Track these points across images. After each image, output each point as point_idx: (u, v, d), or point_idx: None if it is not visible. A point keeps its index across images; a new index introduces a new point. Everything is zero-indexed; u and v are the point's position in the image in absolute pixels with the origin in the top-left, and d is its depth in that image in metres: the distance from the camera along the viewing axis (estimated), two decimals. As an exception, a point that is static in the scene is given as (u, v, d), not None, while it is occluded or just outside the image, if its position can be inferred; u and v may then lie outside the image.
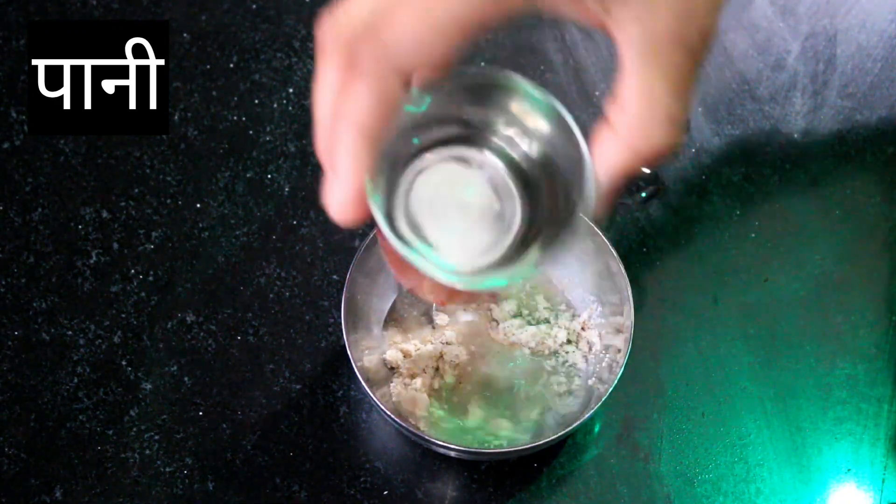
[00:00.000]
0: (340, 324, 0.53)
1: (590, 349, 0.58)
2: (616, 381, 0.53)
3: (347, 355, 0.53)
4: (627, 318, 0.55)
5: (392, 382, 0.57)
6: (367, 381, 0.53)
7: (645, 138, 0.41)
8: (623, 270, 0.55)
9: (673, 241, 0.62)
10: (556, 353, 0.58)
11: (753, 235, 0.63)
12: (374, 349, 0.57)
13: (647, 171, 0.64)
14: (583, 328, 0.58)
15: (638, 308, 0.55)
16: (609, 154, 0.42)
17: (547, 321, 0.59)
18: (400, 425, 0.53)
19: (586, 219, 0.45)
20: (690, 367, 0.59)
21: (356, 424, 0.58)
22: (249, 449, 0.57)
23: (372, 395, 0.52)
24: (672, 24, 0.41)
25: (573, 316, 0.59)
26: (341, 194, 0.46)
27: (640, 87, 0.41)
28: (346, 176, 0.46)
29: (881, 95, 0.66)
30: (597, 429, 0.58)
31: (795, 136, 0.65)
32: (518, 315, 0.59)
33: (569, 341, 0.58)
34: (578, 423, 0.52)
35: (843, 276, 0.62)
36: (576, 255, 0.58)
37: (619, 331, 0.56)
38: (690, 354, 0.59)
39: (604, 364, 0.57)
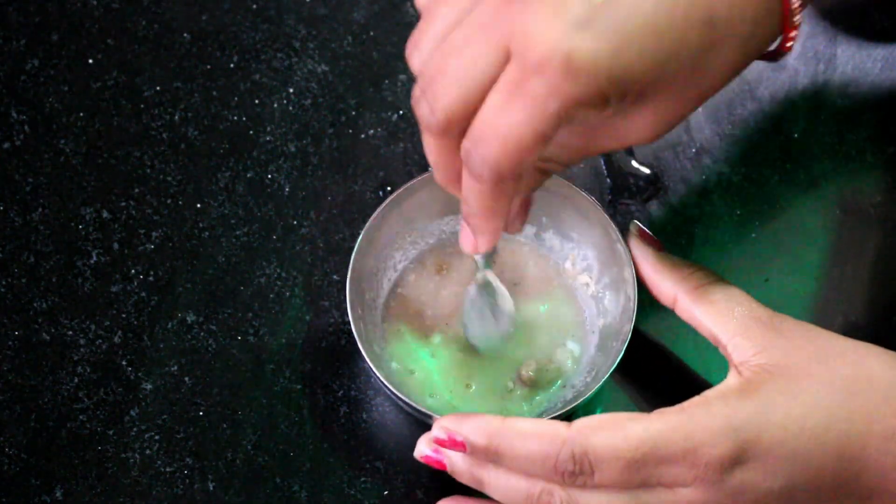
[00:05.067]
0: (340, 323, 0.54)
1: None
2: (612, 368, 0.53)
3: (348, 354, 0.53)
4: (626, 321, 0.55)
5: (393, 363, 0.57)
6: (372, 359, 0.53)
7: None
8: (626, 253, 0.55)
9: (673, 241, 0.62)
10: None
11: (753, 235, 0.63)
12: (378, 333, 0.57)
13: (647, 170, 0.64)
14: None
15: (638, 308, 0.55)
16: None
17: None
18: (406, 402, 0.53)
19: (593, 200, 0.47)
20: (691, 368, 0.59)
21: (356, 424, 0.58)
22: (249, 449, 0.57)
23: (377, 374, 0.53)
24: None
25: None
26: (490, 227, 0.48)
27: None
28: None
29: (881, 95, 0.66)
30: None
31: (795, 136, 0.65)
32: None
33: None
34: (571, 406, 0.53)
35: (843, 276, 0.62)
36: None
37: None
38: (691, 354, 0.59)
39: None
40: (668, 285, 0.53)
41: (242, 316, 0.60)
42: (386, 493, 0.57)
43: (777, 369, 0.48)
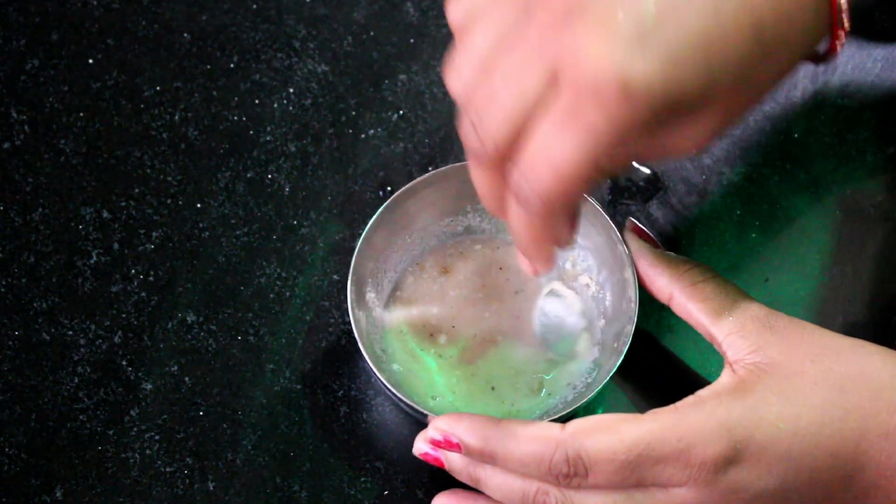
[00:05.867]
0: (340, 323, 0.54)
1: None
2: (616, 367, 0.53)
3: (348, 354, 0.53)
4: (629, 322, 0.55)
5: (395, 364, 0.57)
6: (372, 359, 0.54)
7: None
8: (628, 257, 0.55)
9: (673, 241, 0.62)
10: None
11: (753, 235, 0.63)
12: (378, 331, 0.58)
13: (647, 170, 0.64)
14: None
15: (638, 308, 0.55)
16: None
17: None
18: (407, 404, 0.53)
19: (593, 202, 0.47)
20: (691, 368, 0.59)
21: (356, 424, 0.58)
22: (249, 449, 0.57)
23: (378, 374, 0.53)
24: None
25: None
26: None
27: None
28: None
29: (881, 95, 0.66)
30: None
31: (795, 136, 0.65)
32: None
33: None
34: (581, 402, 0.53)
35: (843, 276, 0.62)
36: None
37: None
38: (692, 355, 0.59)
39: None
40: (664, 282, 0.53)
41: (242, 316, 0.60)
42: (386, 493, 0.57)
43: (771, 368, 0.48)
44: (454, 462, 0.50)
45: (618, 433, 0.46)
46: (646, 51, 0.40)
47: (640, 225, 0.55)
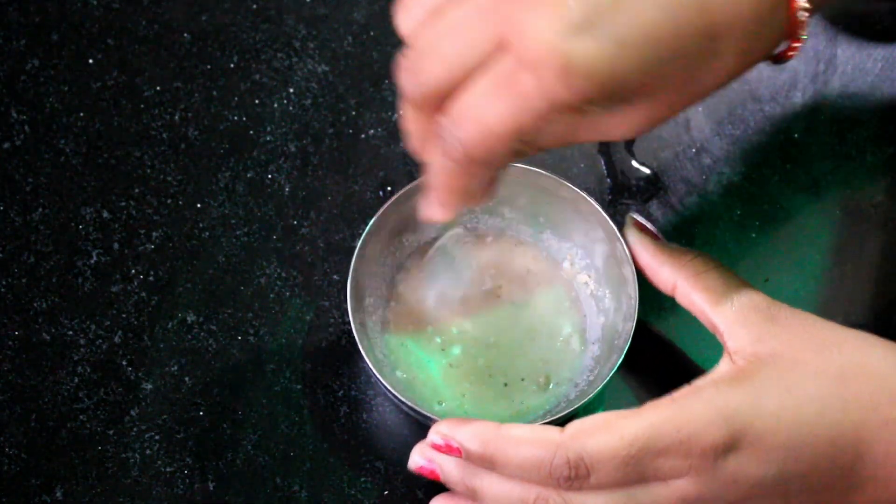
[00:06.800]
0: (340, 323, 0.54)
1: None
2: (615, 369, 0.53)
3: (348, 354, 0.53)
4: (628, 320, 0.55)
5: (398, 371, 0.57)
6: (374, 363, 0.54)
7: None
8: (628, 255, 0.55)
9: (673, 241, 0.62)
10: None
11: (753, 235, 0.63)
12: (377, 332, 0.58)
13: (647, 170, 0.64)
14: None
15: (639, 305, 0.55)
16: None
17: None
18: (408, 406, 0.53)
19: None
20: (693, 365, 0.59)
21: (356, 424, 0.58)
22: (249, 449, 0.57)
23: (378, 376, 0.53)
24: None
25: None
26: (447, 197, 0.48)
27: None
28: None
29: (881, 95, 0.66)
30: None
31: (795, 136, 0.65)
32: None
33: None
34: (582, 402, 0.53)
35: (843, 276, 0.62)
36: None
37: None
38: (694, 352, 0.59)
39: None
40: (668, 272, 0.53)
41: (242, 316, 0.60)
42: (386, 493, 0.57)
43: (772, 358, 0.48)
44: (450, 473, 0.50)
45: (617, 431, 0.46)
46: (594, 34, 0.41)
47: (640, 219, 0.55)
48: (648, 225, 0.55)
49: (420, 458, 0.51)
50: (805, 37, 0.46)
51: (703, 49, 0.43)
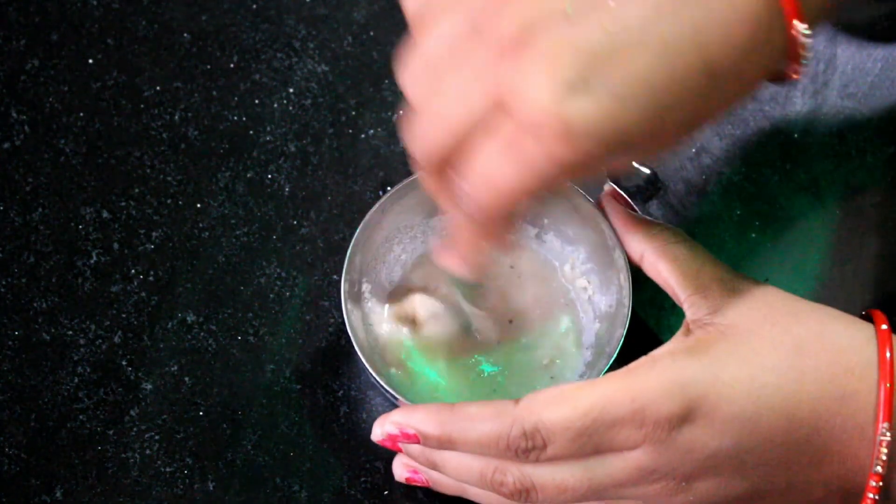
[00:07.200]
0: (340, 323, 0.54)
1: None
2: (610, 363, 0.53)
3: (348, 354, 0.53)
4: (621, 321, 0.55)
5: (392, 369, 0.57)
6: (369, 361, 0.54)
7: None
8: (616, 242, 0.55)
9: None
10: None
11: (753, 235, 0.63)
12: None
13: (647, 170, 0.64)
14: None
15: (634, 310, 0.55)
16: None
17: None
18: (403, 403, 0.53)
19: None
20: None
21: (356, 424, 0.58)
22: (249, 449, 0.57)
23: (375, 375, 0.53)
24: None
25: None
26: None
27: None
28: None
29: (881, 95, 0.66)
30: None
31: (795, 136, 0.65)
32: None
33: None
34: None
35: (843, 276, 0.62)
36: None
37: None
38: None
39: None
40: (637, 242, 0.53)
41: (242, 316, 0.60)
42: (386, 493, 0.57)
43: (729, 329, 0.48)
44: (411, 448, 0.51)
45: (572, 401, 0.46)
46: (590, 91, 0.40)
47: (617, 189, 0.55)
48: (623, 195, 0.55)
49: (404, 470, 0.54)
50: (808, 56, 0.45)
51: (703, 87, 0.42)
